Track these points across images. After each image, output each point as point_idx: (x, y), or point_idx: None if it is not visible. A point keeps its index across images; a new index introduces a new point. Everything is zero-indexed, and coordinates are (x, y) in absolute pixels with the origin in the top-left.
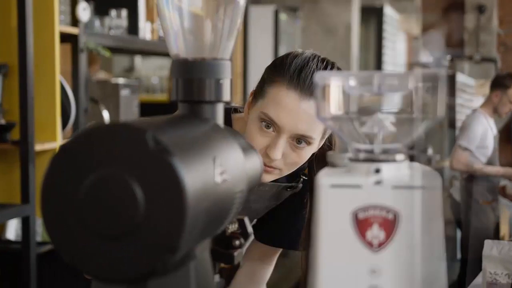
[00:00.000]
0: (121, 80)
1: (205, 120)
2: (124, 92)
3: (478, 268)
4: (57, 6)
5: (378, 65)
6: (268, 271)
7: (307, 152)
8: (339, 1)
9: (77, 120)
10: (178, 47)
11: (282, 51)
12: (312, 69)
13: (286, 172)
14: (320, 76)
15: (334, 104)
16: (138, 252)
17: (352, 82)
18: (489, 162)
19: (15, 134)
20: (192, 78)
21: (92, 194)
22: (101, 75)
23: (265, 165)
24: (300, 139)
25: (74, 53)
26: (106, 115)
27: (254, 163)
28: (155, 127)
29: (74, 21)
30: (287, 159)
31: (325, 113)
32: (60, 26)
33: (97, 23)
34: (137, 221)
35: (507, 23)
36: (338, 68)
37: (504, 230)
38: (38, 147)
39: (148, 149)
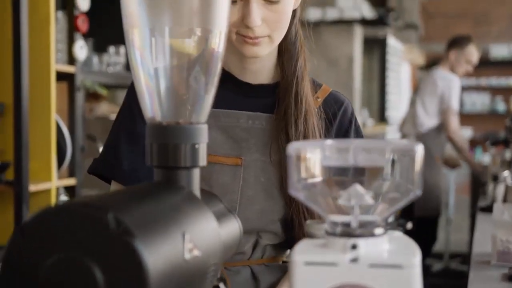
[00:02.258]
0: None
1: (179, 189)
2: None
3: (427, 226)
4: (54, 44)
5: (382, 95)
6: None
7: (286, 5)
8: (341, 33)
9: (73, 159)
10: (153, 110)
11: None
12: None
13: (277, 37)
14: (293, 147)
15: (308, 176)
16: None
17: (327, 154)
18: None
19: (9, 174)
20: (167, 143)
21: (52, 277)
22: (105, 107)
23: (250, 37)
24: None
25: (71, 91)
26: None
27: (231, 229)
28: (118, 205)
29: (71, 59)
30: (268, 21)
31: (299, 185)
32: (57, 64)
33: (95, 59)
34: None
35: None
36: None
37: None
38: (33, 187)
39: (109, 231)
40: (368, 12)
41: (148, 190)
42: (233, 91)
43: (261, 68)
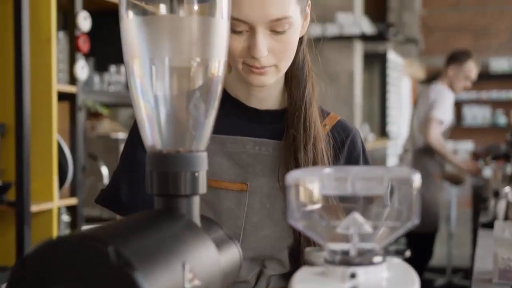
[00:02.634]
0: (121, 135)
1: (179, 217)
2: None
3: (425, 241)
4: (55, 64)
5: (383, 110)
6: None
7: (292, 35)
8: (341, 48)
9: (75, 179)
10: (154, 138)
11: None
12: None
13: (284, 66)
14: (291, 176)
15: (307, 204)
16: None
17: (326, 183)
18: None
19: (11, 195)
20: (167, 172)
21: None
22: (106, 124)
23: (256, 67)
24: (277, 25)
25: (72, 111)
26: (105, 171)
27: (231, 256)
28: (118, 237)
29: (73, 79)
30: (275, 51)
31: (298, 214)
32: (58, 85)
33: (96, 79)
34: None
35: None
36: None
37: None
38: (35, 208)
39: (110, 264)
40: (368, 27)
41: (148, 219)
42: (239, 117)
43: (267, 95)
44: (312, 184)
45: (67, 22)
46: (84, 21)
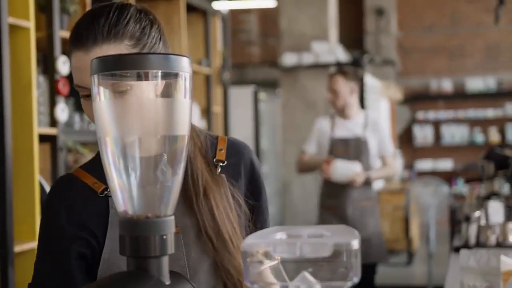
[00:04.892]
0: None
1: (149, 277)
2: None
3: (364, 271)
4: (36, 107)
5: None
6: None
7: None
8: (317, 75)
9: None
10: (125, 205)
11: (263, 129)
12: (91, 14)
13: None
14: (247, 244)
15: (261, 267)
16: None
17: (277, 249)
18: None
19: None
20: (138, 236)
21: None
22: (89, 158)
23: None
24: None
25: (53, 152)
26: None
27: None
28: None
29: (53, 121)
30: None
31: (254, 277)
32: (39, 128)
33: (76, 118)
34: None
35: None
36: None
37: None
38: (18, 248)
39: None
40: (342, 55)
41: (121, 280)
42: None
43: None
44: (265, 249)
45: (47, 66)
46: (63, 66)
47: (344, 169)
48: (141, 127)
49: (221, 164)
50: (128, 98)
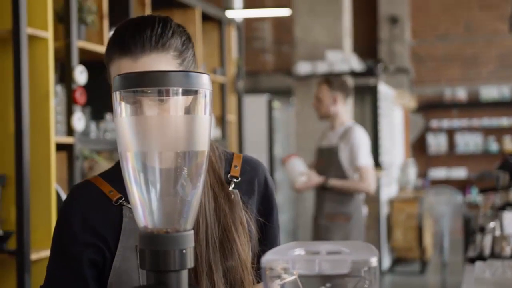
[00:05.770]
0: None
1: None
2: None
3: None
4: (53, 117)
5: (375, 141)
6: None
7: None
8: None
9: None
10: (146, 220)
11: (276, 137)
12: (135, 24)
13: None
14: (266, 260)
15: (280, 283)
16: None
17: (296, 265)
18: None
19: (11, 244)
20: (158, 250)
21: None
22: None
23: None
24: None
25: (70, 161)
26: None
27: None
28: None
29: (70, 130)
30: None
31: None
32: (56, 136)
33: (93, 127)
34: None
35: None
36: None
37: None
38: (34, 255)
39: None
40: (356, 64)
41: None
42: None
43: None
44: (284, 265)
45: (64, 76)
46: (80, 75)
47: (292, 169)
48: (161, 143)
49: (235, 180)
50: (148, 115)
